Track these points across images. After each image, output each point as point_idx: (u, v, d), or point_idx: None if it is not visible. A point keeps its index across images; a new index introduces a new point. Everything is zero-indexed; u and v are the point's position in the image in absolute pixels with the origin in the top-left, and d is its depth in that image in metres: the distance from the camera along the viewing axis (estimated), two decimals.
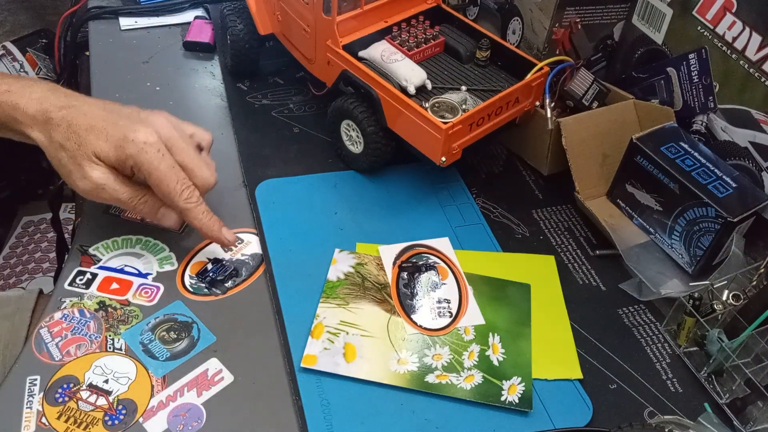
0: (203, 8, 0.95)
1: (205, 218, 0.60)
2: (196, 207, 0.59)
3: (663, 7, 0.70)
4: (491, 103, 0.65)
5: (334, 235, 0.66)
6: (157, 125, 0.58)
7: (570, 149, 0.68)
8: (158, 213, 0.61)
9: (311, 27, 0.71)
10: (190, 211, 0.59)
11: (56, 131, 0.58)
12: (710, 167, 0.64)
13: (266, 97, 0.82)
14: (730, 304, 0.57)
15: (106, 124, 0.57)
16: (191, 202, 0.59)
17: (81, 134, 0.57)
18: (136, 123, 0.58)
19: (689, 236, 0.63)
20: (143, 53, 0.88)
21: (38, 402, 0.52)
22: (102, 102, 0.61)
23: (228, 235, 0.62)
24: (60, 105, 0.58)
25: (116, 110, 0.59)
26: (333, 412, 0.53)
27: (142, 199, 0.59)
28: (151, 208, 0.60)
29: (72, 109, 0.58)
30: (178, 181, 0.58)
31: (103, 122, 0.57)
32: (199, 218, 0.60)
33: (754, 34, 0.62)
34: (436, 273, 0.63)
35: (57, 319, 0.57)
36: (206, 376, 0.54)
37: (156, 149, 0.57)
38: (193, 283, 0.61)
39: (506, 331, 0.59)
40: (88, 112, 0.58)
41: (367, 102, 0.68)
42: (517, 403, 0.54)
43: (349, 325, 0.58)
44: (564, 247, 0.68)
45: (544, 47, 0.75)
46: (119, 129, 0.57)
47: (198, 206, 0.59)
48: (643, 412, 0.55)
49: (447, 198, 0.72)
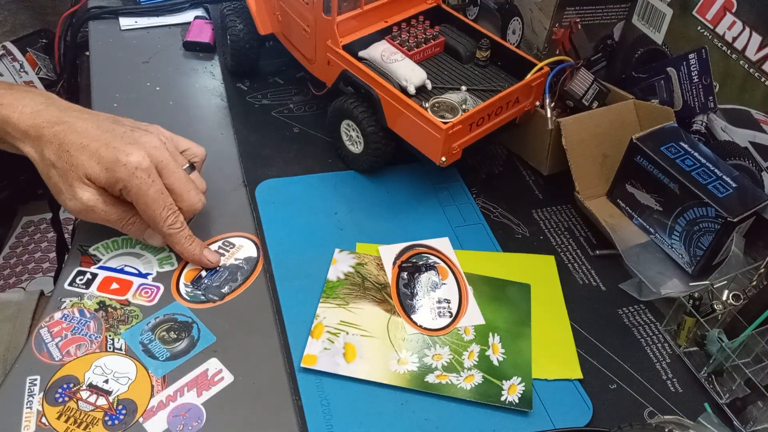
0: (203, 8, 0.95)
1: (186, 243, 0.61)
2: (178, 233, 0.60)
3: (663, 7, 0.70)
4: (491, 103, 0.65)
5: (334, 235, 0.66)
6: (150, 147, 0.58)
7: (570, 149, 0.68)
8: (144, 234, 0.62)
9: (311, 27, 0.71)
10: (172, 236, 0.60)
11: (48, 148, 0.57)
12: (710, 167, 0.64)
13: (266, 97, 0.82)
14: (730, 304, 0.57)
15: (99, 144, 0.57)
16: (174, 228, 0.60)
17: (73, 153, 0.57)
18: (129, 145, 0.57)
19: (689, 236, 0.63)
20: (143, 53, 0.88)
21: (38, 402, 0.52)
22: (96, 118, 0.60)
23: (210, 256, 0.63)
24: (53, 121, 0.58)
25: (110, 129, 0.59)
26: (333, 412, 0.53)
27: (130, 220, 0.60)
28: (138, 229, 0.61)
29: (65, 126, 0.58)
30: (164, 208, 0.58)
31: (96, 142, 0.57)
32: (182, 243, 0.61)
33: (754, 34, 0.62)
34: (436, 273, 0.63)
35: (57, 319, 0.57)
36: (206, 376, 0.54)
37: (147, 174, 0.57)
38: (188, 291, 0.61)
39: (506, 331, 0.59)
40: (81, 129, 0.58)
41: (367, 102, 0.68)
42: (517, 403, 0.54)
43: (349, 325, 0.58)
44: (564, 247, 0.68)
45: (544, 47, 0.75)
46: (111, 151, 0.57)
47: (180, 232, 0.60)
48: (643, 412, 0.55)
49: (447, 198, 0.72)
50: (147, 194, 0.57)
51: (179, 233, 0.60)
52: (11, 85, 0.61)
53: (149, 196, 0.57)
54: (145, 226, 0.61)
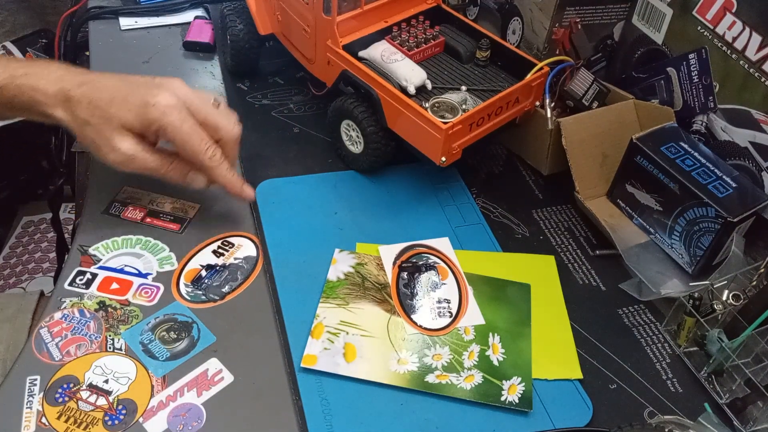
0: (203, 8, 0.95)
1: (228, 175, 0.63)
2: (220, 165, 0.62)
3: (663, 7, 0.70)
4: (491, 103, 0.65)
5: (334, 235, 0.66)
6: (174, 87, 0.60)
7: (570, 149, 0.68)
8: (187, 177, 0.63)
9: (311, 27, 0.71)
10: (214, 169, 0.62)
11: (78, 108, 0.59)
12: (710, 167, 0.64)
13: (266, 97, 0.82)
14: (730, 304, 0.57)
15: (125, 93, 0.59)
16: (216, 161, 0.61)
17: (103, 108, 0.59)
18: (154, 88, 0.59)
19: (689, 236, 0.63)
20: (143, 53, 0.88)
21: (38, 402, 0.52)
22: (116, 74, 0.62)
23: (248, 191, 0.65)
24: (78, 82, 0.60)
25: (131, 80, 0.61)
26: (333, 412, 0.53)
27: (170, 166, 0.62)
28: (179, 173, 0.62)
29: (90, 85, 0.60)
30: (201, 140, 0.60)
31: (123, 92, 0.59)
32: (224, 175, 0.62)
33: (754, 34, 0.62)
34: (436, 273, 0.63)
35: (57, 319, 0.57)
36: (206, 376, 0.54)
37: (177, 111, 0.59)
38: (189, 291, 0.61)
39: (506, 331, 0.59)
40: (105, 85, 0.60)
41: (367, 102, 0.68)
42: (517, 403, 0.54)
43: (349, 325, 0.58)
44: (564, 247, 0.68)
45: (544, 47, 0.75)
46: (139, 96, 0.59)
47: (222, 164, 0.62)
48: (643, 412, 0.55)
49: (447, 198, 0.72)
50: (182, 130, 0.59)
51: (220, 165, 0.62)
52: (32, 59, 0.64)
53: (184, 131, 0.59)
54: (187, 170, 0.63)
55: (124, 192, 0.68)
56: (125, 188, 0.69)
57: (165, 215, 0.67)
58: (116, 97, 0.59)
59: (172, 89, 0.60)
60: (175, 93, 0.60)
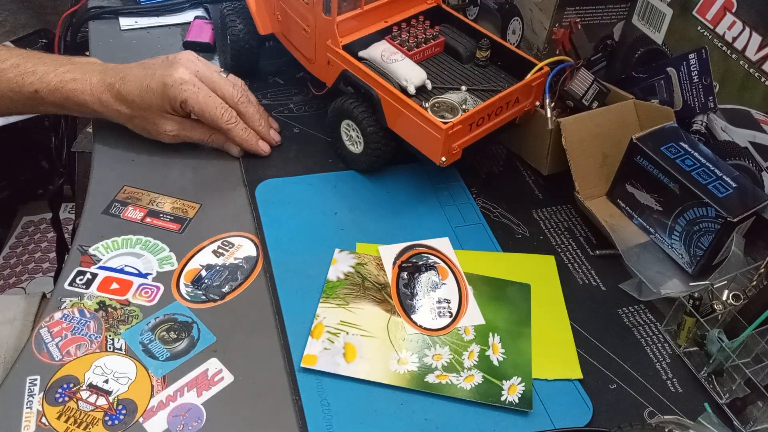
0: (203, 8, 0.95)
1: (244, 134, 0.71)
2: (236, 126, 0.70)
3: (663, 7, 0.70)
4: (491, 103, 0.65)
5: (334, 235, 0.66)
6: (185, 62, 0.68)
7: (570, 149, 0.68)
8: (225, 145, 0.72)
9: (311, 27, 0.71)
10: (231, 130, 0.70)
11: (121, 106, 0.69)
12: (710, 167, 0.64)
13: (266, 97, 0.82)
14: (730, 304, 0.57)
15: (147, 82, 0.67)
16: (231, 123, 0.70)
17: (137, 102, 0.67)
18: (168, 67, 0.67)
19: (689, 236, 0.63)
20: (143, 53, 0.87)
21: (38, 402, 0.52)
22: (135, 64, 0.70)
23: (264, 146, 0.73)
24: (112, 82, 0.68)
25: (149, 64, 0.69)
26: (333, 412, 0.53)
27: (211, 137, 0.71)
28: (220, 142, 0.72)
29: (123, 82, 0.68)
30: (215, 107, 0.68)
31: (146, 82, 0.67)
32: (240, 134, 0.70)
33: (754, 34, 0.62)
34: (436, 273, 0.63)
35: (57, 319, 0.57)
36: (206, 376, 0.54)
37: (192, 84, 0.67)
38: (189, 291, 0.61)
39: (506, 331, 0.59)
40: (133, 78, 0.68)
41: (367, 102, 0.68)
42: (517, 403, 0.54)
43: (349, 325, 0.58)
44: (564, 247, 0.68)
45: (544, 47, 0.75)
46: (158, 79, 0.67)
47: (237, 124, 0.70)
48: (643, 412, 0.55)
49: (447, 198, 0.72)
50: (198, 100, 0.67)
51: (236, 126, 0.70)
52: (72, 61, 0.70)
53: (200, 101, 0.67)
54: (224, 140, 0.71)
55: (124, 192, 0.69)
56: (125, 188, 0.69)
57: (165, 215, 0.67)
58: (142, 87, 0.67)
59: (184, 64, 0.67)
60: (188, 67, 0.67)
